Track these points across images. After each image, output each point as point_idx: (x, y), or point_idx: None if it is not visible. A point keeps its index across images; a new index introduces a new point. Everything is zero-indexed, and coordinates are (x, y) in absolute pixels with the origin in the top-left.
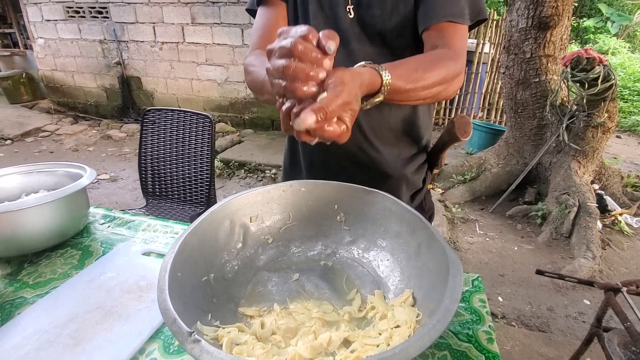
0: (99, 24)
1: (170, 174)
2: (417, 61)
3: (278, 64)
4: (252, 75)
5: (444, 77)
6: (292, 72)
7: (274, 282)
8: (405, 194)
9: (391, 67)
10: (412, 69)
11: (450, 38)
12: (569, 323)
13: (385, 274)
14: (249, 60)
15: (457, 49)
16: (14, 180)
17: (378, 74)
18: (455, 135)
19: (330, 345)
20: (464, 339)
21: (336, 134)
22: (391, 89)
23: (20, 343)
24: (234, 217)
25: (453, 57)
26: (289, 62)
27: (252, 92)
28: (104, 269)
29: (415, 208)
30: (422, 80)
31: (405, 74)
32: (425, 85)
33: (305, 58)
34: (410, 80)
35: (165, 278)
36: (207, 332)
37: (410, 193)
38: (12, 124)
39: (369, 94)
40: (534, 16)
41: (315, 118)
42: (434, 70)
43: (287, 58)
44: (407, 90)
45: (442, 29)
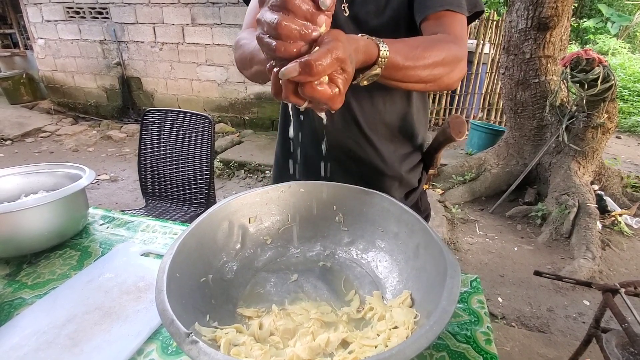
0: (99, 25)
1: (169, 175)
2: (418, 40)
3: (269, 18)
4: (242, 48)
5: (444, 58)
6: (285, 29)
7: (273, 283)
8: (398, 192)
9: (390, 41)
10: (413, 46)
11: (450, 25)
12: (569, 324)
13: (384, 274)
14: (241, 35)
15: (458, 36)
16: (13, 181)
17: (375, 44)
18: (450, 135)
19: (329, 346)
20: (462, 340)
21: (327, 95)
22: (389, 63)
23: (19, 344)
24: (232, 218)
25: (454, 41)
26: (281, 16)
27: (239, 68)
28: (103, 270)
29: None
30: (422, 58)
31: (405, 49)
32: (425, 65)
33: (298, 12)
34: (410, 57)
35: (163, 279)
36: (205, 333)
37: (404, 191)
38: (12, 125)
39: (365, 65)
40: (533, 17)
41: (299, 69)
42: (435, 50)
43: (279, 11)
44: (406, 67)
45: (441, 17)
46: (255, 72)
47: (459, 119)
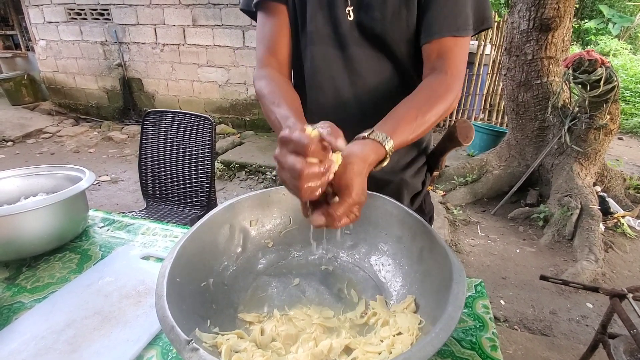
0: (101, 26)
1: (170, 176)
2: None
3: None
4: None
5: (442, 113)
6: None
7: (274, 287)
8: (406, 198)
9: (391, 128)
10: (413, 117)
11: (450, 58)
12: (572, 327)
13: (387, 279)
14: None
15: (455, 72)
16: (13, 183)
17: (381, 147)
18: (457, 140)
19: (331, 353)
20: (467, 346)
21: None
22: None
23: (18, 349)
24: (233, 221)
25: (450, 85)
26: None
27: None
28: (103, 274)
29: (414, 210)
30: (423, 124)
31: (408, 128)
32: (427, 128)
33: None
34: (412, 131)
35: (163, 284)
36: (205, 339)
37: (409, 196)
38: (14, 126)
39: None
40: (535, 18)
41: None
42: (434, 110)
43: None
44: (411, 140)
45: (444, 45)
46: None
47: (466, 123)
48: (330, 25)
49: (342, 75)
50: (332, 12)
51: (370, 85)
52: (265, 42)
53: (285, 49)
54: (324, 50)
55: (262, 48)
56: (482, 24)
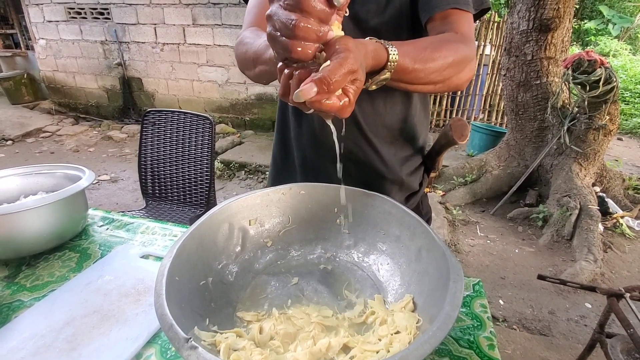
0: (101, 25)
1: (170, 176)
2: (426, 41)
3: (284, 17)
4: (245, 46)
5: (454, 58)
6: (302, 30)
7: (273, 286)
8: (399, 195)
9: (398, 44)
10: (421, 47)
11: (457, 24)
12: (571, 326)
13: (386, 278)
14: (243, 34)
15: (466, 35)
16: (13, 182)
17: (384, 48)
18: (452, 139)
19: (330, 351)
20: (465, 345)
21: (336, 107)
22: (398, 67)
23: (17, 347)
24: (232, 220)
25: (462, 41)
26: (297, 16)
27: (242, 68)
28: (102, 272)
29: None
30: (431, 60)
31: (413, 52)
32: (435, 67)
33: (314, 12)
34: (419, 59)
35: (162, 282)
36: (204, 337)
37: (404, 195)
38: (13, 125)
39: (374, 70)
40: (535, 18)
41: (316, 89)
42: (444, 51)
43: (295, 10)
44: (415, 70)
45: (447, 16)
46: (260, 72)
47: (461, 121)
48: None
49: None
50: None
51: None
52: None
53: None
54: None
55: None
56: (481, 4)
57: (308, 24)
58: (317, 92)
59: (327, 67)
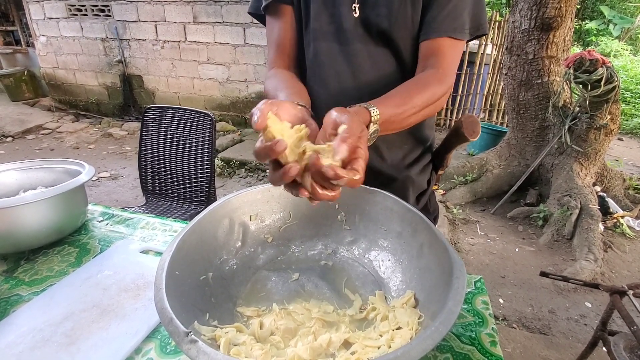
0: (101, 22)
1: (170, 173)
2: (403, 89)
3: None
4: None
5: (428, 99)
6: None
7: (274, 281)
8: (412, 196)
9: (376, 101)
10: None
11: (444, 56)
12: (571, 325)
13: (387, 274)
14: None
15: (446, 70)
16: (12, 176)
17: (365, 110)
18: (463, 136)
19: (331, 347)
20: (466, 342)
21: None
22: (381, 120)
23: (15, 341)
24: (233, 216)
25: (440, 79)
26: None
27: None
28: (102, 267)
29: (420, 209)
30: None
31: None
32: (412, 110)
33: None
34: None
35: (162, 277)
36: (204, 332)
37: (416, 194)
38: (14, 122)
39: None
40: (536, 17)
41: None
42: (419, 95)
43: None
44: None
45: (440, 45)
46: None
47: (472, 118)
48: (335, 23)
49: (346, 70)
50: (337, 10)
51: (373, 81)
52: (274, 47)
53: (293, 48)
54: (328, 46)
55: (271, 50)
56: (477, 30)
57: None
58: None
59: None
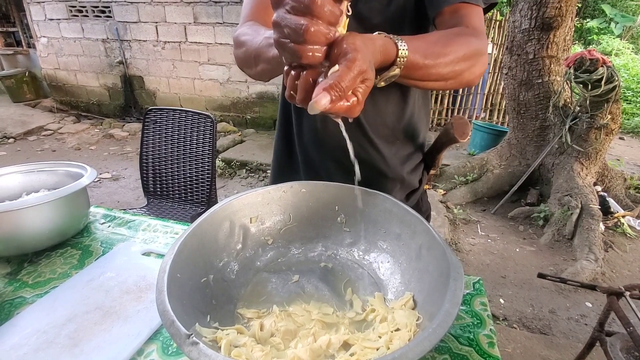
0: (102, 23)
1: (171, 174)
2: (436, 35)
3: (293, 22)
4: (245, 45)
5: (465, 52)
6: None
7: (274, 283)
8: (399, 193)
9: (408, 38)
10: (432, 42)
11: (467, 17)
12: (571, 325)
13: (386, 276)
14: (241, 30)
15: (477, 28)
16: (15, 179)
17: (393, 43)
18: (453, 137)
19: (330, 348)
20: (464, 343)
21: (344, 108)
22: (408, 63)
23: (19, 343)
24: (233, 218)
25: (474, 34)
26: (307, 21)
27: (241, 65)
28: (104, 269)
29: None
30: (442, 55)
31: (424, 46)
32: (446, 62)
33: (324, 16)
34: (429, 54)
35: (164, 279)
36: (205, 334)
37: (405, 193)
38: (15, 123)
39: (383, 66)
40: (537, 17)
41: (329, 98)
42: (455, 45)
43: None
44: (426, 66)
45: (457, 10)
46: (262, 70)
47: (462, 119)
48: None
49: None
50: None
51: None
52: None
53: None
54: None
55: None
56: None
57: (318, 28)
58: (329, 100)
59: (337, 73)
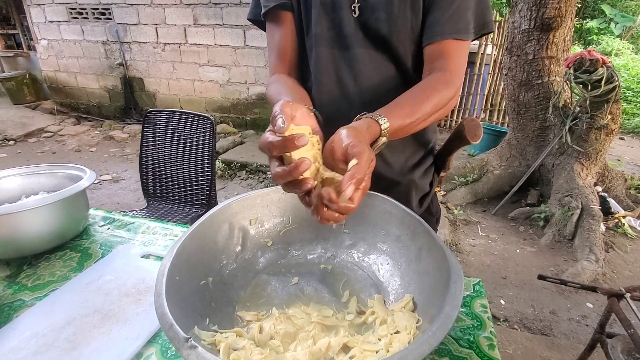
0: (102, 25)
1: (171, 176)
2: (411, 96)
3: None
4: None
5: (437, 104)
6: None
7: (273, 285)
8: (415, 199)
9: (386, 111)
10: (407, 104)
11: (450, 58)
12: (572, 326)
13: (386, 278)
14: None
15: (454, 71)
16: (14, 181)
17: (376, 122)
18: (465, 139)
19: (329, 351)
20: (465, 345)
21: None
22: (391, 130)
23: (18, 346)
24: (233, 220)
25: (447, 82)
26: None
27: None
28: (103, 272)
29: (423, 212)
30: (418, 112)
31: (402, 112)
32: (421, 117)
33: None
34: (407, 114)
35: (162, 282)
36: (204, 337)
37: (419, 197)
38: (15, 125)
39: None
40: (536, 18)
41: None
42: (428, 101)
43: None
44: (406, 125)
45: (445, 47)
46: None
47: (474, 121)
48: (335, 28)
49: (347, 76)
50: (337, 15)
51: (375, 86)
52: (275, 53)
53: (293, 53)
54: (329, 51)
55: (272, 56)
56: (482, 29)
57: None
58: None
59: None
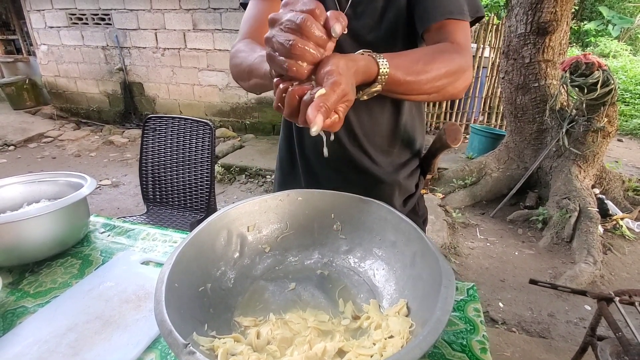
0: (102, 31)
1: (170, 181)
2: (420, 52)
3: (283, 38)
4: (240, 59)
5: (448, 69)
6: (299, 50)
7: (271, 291)
8: (398, 199)
9: (390, 56)
10: (414, 59)
11: (452, 33)
12: (570, 329)
13: (381, 283)
14: (238, 46)
15: (462, 44)
16: (16, 189)
17: (375, 62)
18: (445, 142)
19: (325, 355)
20: (457, 349)
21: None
22: (389, 80)
23: (21, 352)
24: (231, 227)
25: (457, 50)
26: (296, 38)
27: (236, 78)
28: (104, 278)
29: (408, 212)
30: (424, 72)
31: (405, 64)
32: (428, 78)
33: (312, 37)
34: (411, 71)
35: (162, 289)
36: (203, 342)
37: (402, 198)
38: (15, 130)
39: (365, 82)
40: (532, 22)
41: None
42: (437, 63)
43: (294, 34)
44: (407, 82)
45: (443, 27)
46: (255, 84)
47: (454, 126)
48: None
49: None
50: None
51: None
52: (251, 22)
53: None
54: None
55: (246, 26)
56: (476, 12)
57: (305, 45)
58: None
59: (322, 95)
